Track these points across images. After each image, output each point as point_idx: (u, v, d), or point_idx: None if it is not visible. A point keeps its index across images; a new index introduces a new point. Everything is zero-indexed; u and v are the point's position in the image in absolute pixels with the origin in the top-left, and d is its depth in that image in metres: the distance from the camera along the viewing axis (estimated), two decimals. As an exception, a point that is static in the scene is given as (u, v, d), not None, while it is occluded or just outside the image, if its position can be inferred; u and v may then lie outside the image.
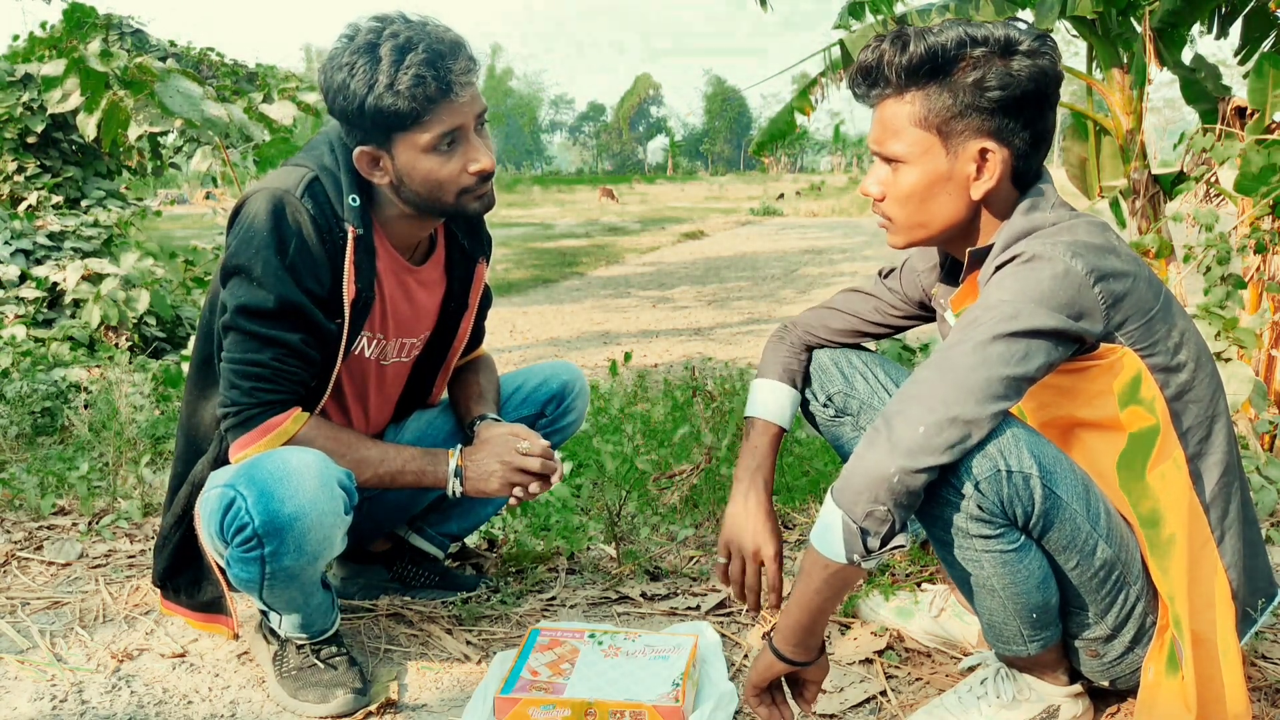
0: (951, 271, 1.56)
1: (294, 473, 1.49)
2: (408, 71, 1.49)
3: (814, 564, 1.32)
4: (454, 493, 1.69)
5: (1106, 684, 1.49)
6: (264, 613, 1.71)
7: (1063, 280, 1.27)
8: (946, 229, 1.41)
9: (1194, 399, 1.35)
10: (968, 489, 1.29)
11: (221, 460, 1.64)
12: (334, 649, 1.71)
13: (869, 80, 1.39)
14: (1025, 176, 1.39)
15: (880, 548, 1.27)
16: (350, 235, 1.59)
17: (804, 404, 1.69)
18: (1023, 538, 1.34)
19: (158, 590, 1.84)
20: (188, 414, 1.74)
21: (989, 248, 1.39)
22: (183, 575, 1.75)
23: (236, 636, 1.73)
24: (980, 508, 1.30)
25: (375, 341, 1.76)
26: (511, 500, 1.72)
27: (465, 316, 1.90)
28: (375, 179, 1.62)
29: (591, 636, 1.76)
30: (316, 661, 1.68)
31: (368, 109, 1.51)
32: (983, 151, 1.35)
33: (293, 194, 1.56)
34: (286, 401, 1.60)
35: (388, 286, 1.73)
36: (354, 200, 1.60)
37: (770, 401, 1.66)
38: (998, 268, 1.33)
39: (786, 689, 1.45)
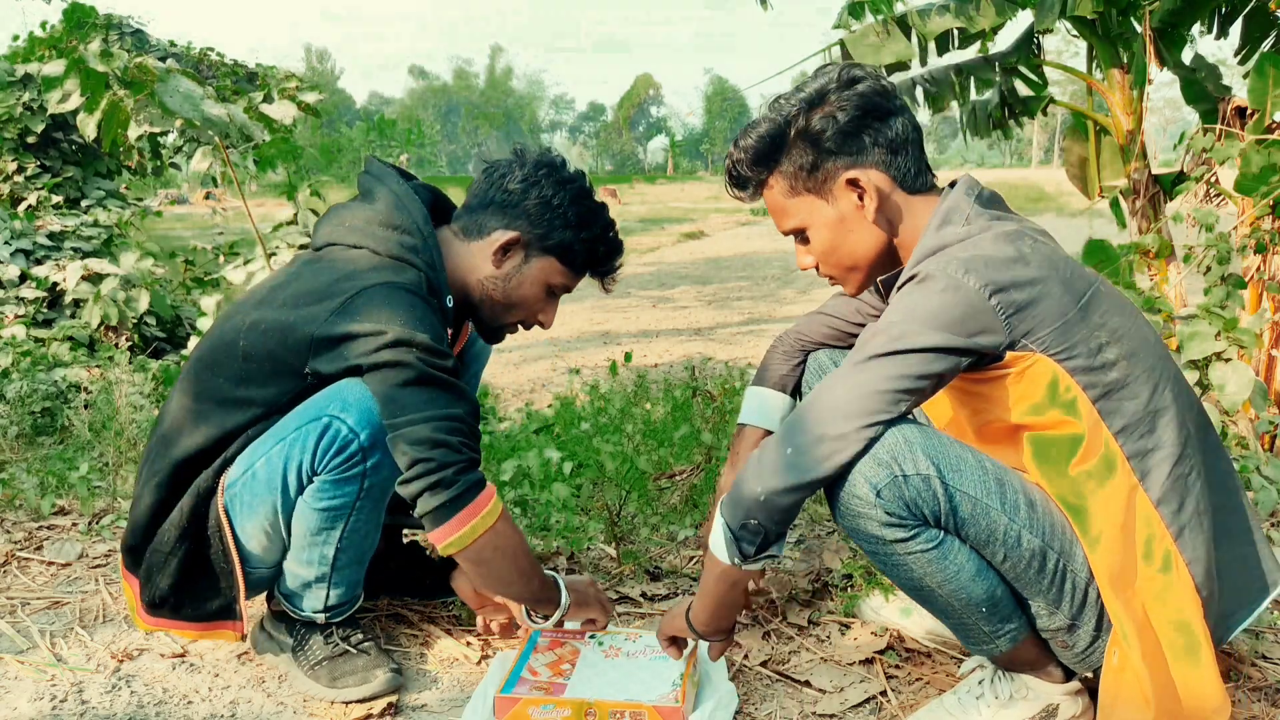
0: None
1: None
2: (612, 242, 1.78)
3: (710, 562, 1.47)
4: (564, 609, 1.73)
5: (1090, 675, 1.49)
6: (288, 596, 1.69)
7: (952, 297, 1.30)
8: (874, 260, 1.48)
9: (1128, 396, 1.36)
10: (870, 498, 1.33)
11: (227, 462, 1.61)
12: (361, 635, 1.74)
13: (739, 186, 1.51)
14: (909, 180, 1.44)
15: (756, 554, 1.39)
16: (449, 332, 1.68)
17: (800, 405, 1.71)
18: (940, 535, 1.36)
19: (144, 609, 1.70)
20: (178, 433, 1.65)
21: (901, 270, 1.44)
22: (187, 590, 1.67)
23: (243, 638, 1.72)
24: (888, 513, 1.33)
25: None
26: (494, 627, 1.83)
27: None
28: (491, 259, 1.72)
29: (592, 637, 1.76)
30: (349, 648, 1.71)
31: (567, 233, 1.71)
32: (850, 182, 1.42)
33: (416, 290, 1.60)
34: (476, 462, 1.55)
35: None
36: (449, 301, 1.69)
37: (759, 408, 1.75)
38: (898, 289, 1.38)
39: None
